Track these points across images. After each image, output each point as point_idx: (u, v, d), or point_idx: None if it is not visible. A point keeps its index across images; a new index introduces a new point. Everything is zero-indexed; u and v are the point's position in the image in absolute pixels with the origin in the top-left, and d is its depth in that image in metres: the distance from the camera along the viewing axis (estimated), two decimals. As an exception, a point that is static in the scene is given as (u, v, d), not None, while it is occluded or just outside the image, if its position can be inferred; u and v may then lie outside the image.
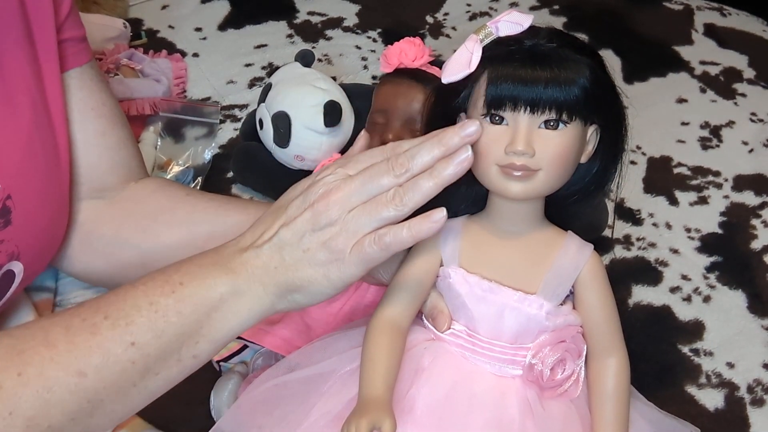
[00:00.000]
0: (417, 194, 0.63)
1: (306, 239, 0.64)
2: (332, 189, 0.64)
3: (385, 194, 0.63)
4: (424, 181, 0.63)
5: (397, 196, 0.63)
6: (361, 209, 0.63)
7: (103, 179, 0.86)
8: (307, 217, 0.64)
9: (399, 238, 0.63)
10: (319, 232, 0.63)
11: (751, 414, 1.00)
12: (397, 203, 0.63)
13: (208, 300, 0.64)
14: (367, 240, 0.63)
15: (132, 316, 0.62)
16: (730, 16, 1.75)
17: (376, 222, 0.63)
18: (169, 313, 0.63)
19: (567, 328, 0.72)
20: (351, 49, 1.60)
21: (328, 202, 0.63)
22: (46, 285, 0.94)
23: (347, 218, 0.63)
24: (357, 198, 0.63)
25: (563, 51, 0.67)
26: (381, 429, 0.63)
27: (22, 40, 0.76)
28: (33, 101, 0.76)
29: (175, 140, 1.32)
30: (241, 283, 0.65)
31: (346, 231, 0.63)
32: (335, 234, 0.63)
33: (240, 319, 0.65)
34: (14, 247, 0.75)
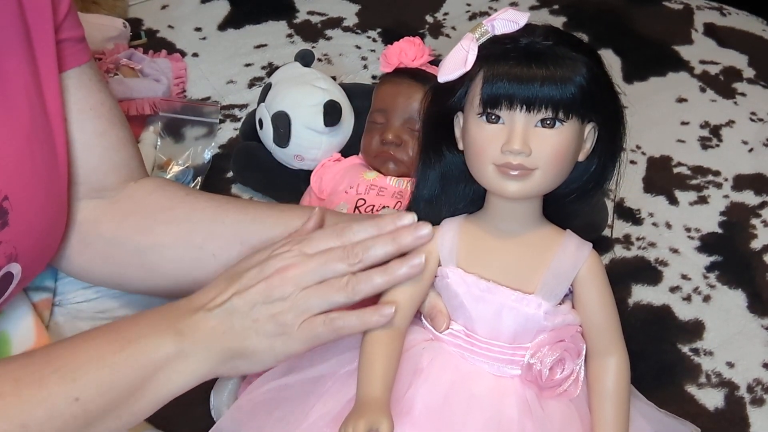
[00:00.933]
0: (368, 287, 0.67)
1: (256, 310, 0.67)
2: (289, 265, 0.68)
3: (339, 280, 0.67)
4: (377, 277, 0.67)
5: (349, 285, 0.67)
6: (314, 290, 0.67)
7: (103, 179, 0.86)
8: (261, 289, 0.67)
9: (349, 325, 0.67)
10: (270, 305, 0.67)
11: (751, 414, 1.00)
12: (349, 291, 0.67)
13: (154, 360, 0.67)
14: (319, 320, 0.67)
15: (80, 371, 0.65)
16: (729, 15, 1.75)
17: (326, 305, 0.67)
18: (115, 370, 0.66)
19: (566, 327, 0.72)
20: (351, 49, 1.60)
21: (284, 277, 0.67)
22: (45, 285, 0.94)
23: (299, 296, 0.67)
24: (311, 278, 0.67)
25: (559, 49, 0.67)
26: (378, 430, 0.63)
27: (20, 40, 0.75)
28: (30, 101, 0.76)
29: (175, 140, 1.32)
30: (187, 346, 0.67)
31: (296, 308, 0.67)
32: (285, 309, 0.67)
33: (182, 381, 0.68)
34: (12, 249, 0.75)
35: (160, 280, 0.87)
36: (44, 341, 0.88)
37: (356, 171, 1.13)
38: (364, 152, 1.15)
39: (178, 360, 0.67)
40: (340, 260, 0.67)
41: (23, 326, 0.88)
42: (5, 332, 0.88)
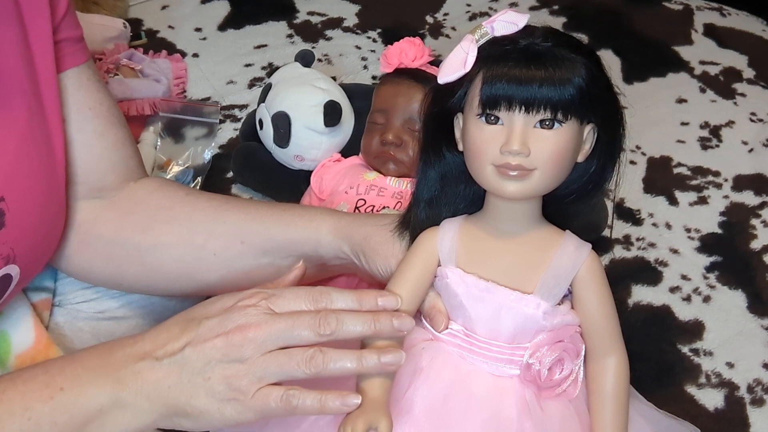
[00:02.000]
0: (336, 368, 0.61)
1: (210, 367, 0.61)
2: (252, 324, 0.62)
3: (303, 351, 0.61)
4: (348, 362, 0.61)
5: (314, 361, 0.61)
6: (273, 357, 0.61)
7: (102, 179, 0.86)
8: (219, 345, 0.61)
9: (305, 406, 0.61)
10: (225, 365, 0.61)
11: (751, 414, 1.00)
12: (312, 368, 0.61)
13: (87, 411, 0.61)
14: (275, 394, 0.61)
15: (4, 421, 0.60)
16: (729, 16, 1.75)
17: (284, 376, 0.61)
18: (42, 422, 0.60)
19: (565, 327, 0.72)
20: (351, 49, 1.61)
21: (245, 336, 0.61)
22: (45, 285, 0.94)
23: (257, 361, 0.61)
24: (273, 343, 0.61)
25: (558, 50, 0.67)
26: (377, 429, 0.63)
27: (16, 40, 0.75)
28: (27, 102, 0.76)
29: (175, 140, 1.32)
30: (126, 396, 0.62)
31: (252, 374, 0.61)
32: (241, 373, 0.61)
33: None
34: (9, 251, 0.75)
35: (160, 279, 0.87)
36: (44, 341, 0.88)
37: (356, 171, 1.13)
38: (364, 152, 1.15)
39: (114, 411, 0.62)
40: (309, 327, 0.61)
41: (23, 326, 0.88)
42: (5, 332, 0.87)
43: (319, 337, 0.61)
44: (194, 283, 0.88)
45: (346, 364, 0.61)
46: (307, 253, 0.85)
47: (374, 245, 0.80)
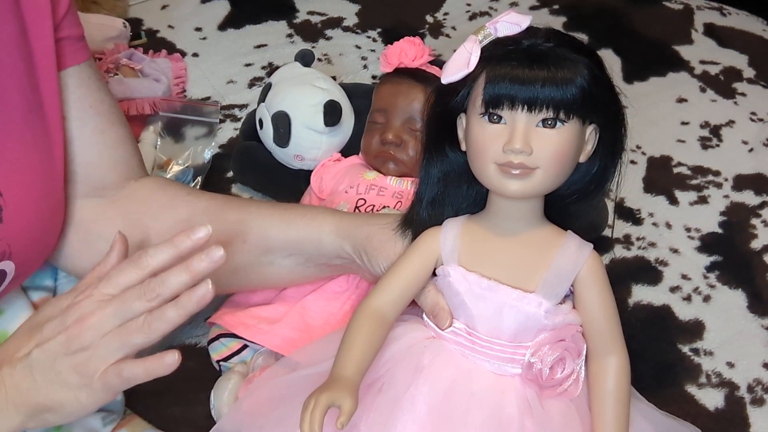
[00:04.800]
0: (163, 323, 0.65)
1: (58, 362, 0.65)
2: (87, 313, 0.65)
3: (135, 321, 0.65)
4: (170, 311, 0.65)
5: (145, 324, 0.65)
6: (114, 334, 0.65)
7: (103, 177, 0.86)
8: (61, 341, 0.65)
9: (135, 374, 0.65)
10: (71, 356, 0.65)
11: (751, 414, 1.00)
12: (146, 331, 0.65)
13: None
14: (111, 370, 0.65)
15: None
16: (730, 15, 1.75)
17: (128, 347, 0.65)
18: None
19: (566, 327, 0.72)
20: (351, 49, 1.60)
21: (82, 327, 0.65)
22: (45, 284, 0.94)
23: (100, 343, 0.65)
24: (111, 323, 0.65)
25: (561, 50, 0.67)
26: (341, 407, 0.64)
27: (15, 37, 0.75)
28: (26, 99, 0.76)
29: (175, 140, 1.32)
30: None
31: (98, 356, 0.65)
32: (87, 359, 0.65)
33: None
34: (6, 246, 0.75)
35: (161, 279, 0.87)
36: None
37: (356, 171, 1.13)
38: (364, 152, 1.15)
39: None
40: (138, 299, 0.65)
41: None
42: (5, 332, 0.87)
43: (149, 302, 0.65)
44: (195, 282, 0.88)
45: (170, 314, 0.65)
46: (309, 252, 0.86)
47: (376, 244, 0.80)
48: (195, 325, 1.04)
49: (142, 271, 0.67)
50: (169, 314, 0.65)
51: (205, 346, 1.00)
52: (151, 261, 0.67)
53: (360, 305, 0.73)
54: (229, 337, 0.97)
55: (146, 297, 0.65)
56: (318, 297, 0.97)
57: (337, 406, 0.65)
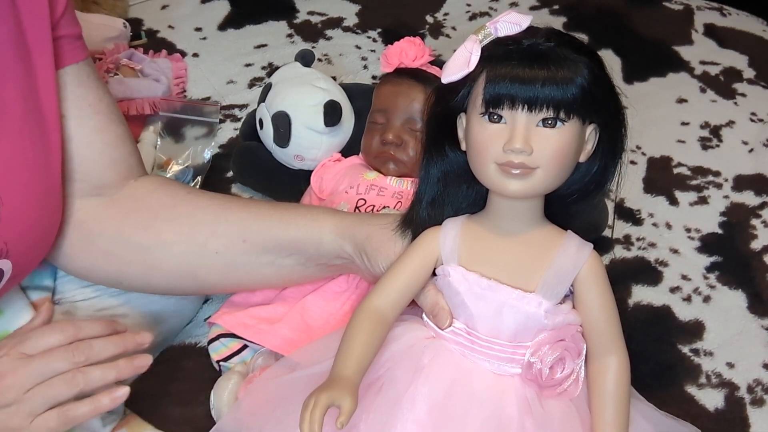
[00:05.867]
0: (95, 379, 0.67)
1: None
2: (6, 372, 0.66)
3: (62, 378, 0.66)
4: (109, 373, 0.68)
5: (74, 381, 0.66)
6: (36, 391, 0.66)
7: (102, 176, 0.86)
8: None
9: (82, 413, 0.67)
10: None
11: (751, 414, 1.00)
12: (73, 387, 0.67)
13: None
14: (52, 415, 0.66)
15: None
16: (730, 16, 1.75)
17: (52, 401, 0.66)
18: None
19: (566, 326, 0.72)
20: (351, 49, 1.60)
21: (2, 386, 0.66)
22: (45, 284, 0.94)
23: (23, 398, 0.66)
24: (32, 381, 0.66)
25: (561, 50, 0.67)
26: (340, 407, 0.64)
27: (12, 36, 0.75)
28: (23, 98, 0.76)
29: (175, 140, 1.32)
30: None
31: (22, 411, 0.66)
32: (11, 414, 0.66)
33: None
34: (2, 245, 0.75)
35: (161, 278, 0.87)
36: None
37: (356, 171, 1.13)
38: (364, 152, 1.15)
39: None
40: (63, 359, 0.67)
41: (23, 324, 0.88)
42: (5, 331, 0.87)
43: (75, 365, 0.67)
44: (195, 282, 0.88)
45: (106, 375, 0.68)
46: (309, 252, 0.86)
47: (376, 244, 0.80)
48: (195, 325, 1.04)
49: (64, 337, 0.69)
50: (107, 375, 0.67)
51: (205, 346, 1.00)
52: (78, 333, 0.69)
53: (360, 305, 0.73)
54: (229, 337, 0.97)
55: (74, 359, 0.67)
56: (318, 297, 0.97)
57: (337, 406, 0.65)
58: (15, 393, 0.66)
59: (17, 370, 0.67)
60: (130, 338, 0.71)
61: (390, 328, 0.74)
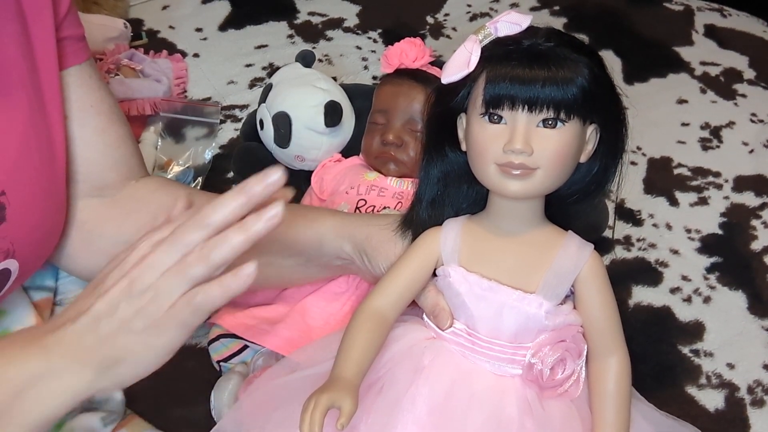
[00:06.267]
0: (225, 248, 0.61)
1: (121, 309, 0.62)
2: (145, 255, 0.63)
3: (192, 252, 0.61)
4: (233, 235, 0.61)
5: (203, 253, 0.61)
6: (172, 271, 0.61)
7: (103, 177, 0.86)
8: (123, 286, 0.62)
9: (210, 297, 0.61)
10: (135, 300, 0.61)
11: (751, 415, 1.00)
12: (204, 259, 0.61)
13: (18, 379, 0.61)
14: (179, 303, 0.61)
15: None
16: (730, 16, 1.75)
17: (187, 282, 0.61)
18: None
19: (567, 327, 0.72)
20: (351, 50, 1.61)
21: (142, 267, 0.62)
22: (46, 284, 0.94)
23: (160, 282, 0.61)
24: (168, 258, 0.61)
25: (561, 50, 0.67)
26: (341, 408, 0.64)
27: (17, 37, 0.76)
28: (29, 98, 0.76)
29: (176, 140, 1.32)
30: (56, 361, 0.62)
31: (160, 295, 0.61)
32: (150, 300, 0.61)
33: (57, 401, 0.62)
34: (9, 245, 0.75)
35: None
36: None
37: (357, 172, 1.13)
38: (364, 153, 1.15)
39: (48, 378, 0.61)
40: (192, 230, 0.61)
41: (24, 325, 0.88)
42: (6, 331, 0.88)
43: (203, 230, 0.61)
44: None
45: (234, 238, 0.60)
46: (309, 253, 0.86)
47: (376, 245, 0.80)
48: (195, 326, 1.04)
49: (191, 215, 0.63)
50: (232, 238, 0.60)
51: (205, 347, 1.00)
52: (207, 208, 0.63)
53: (360, 306, 0.73)
54: (229, 338, 0.97)
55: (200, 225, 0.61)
56: (318, 297, 0.97)
57: (337, 407, 0.65)
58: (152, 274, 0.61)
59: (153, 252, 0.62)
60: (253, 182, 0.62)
61: (390, 328, 0.74)
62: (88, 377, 0.62)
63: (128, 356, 0.62)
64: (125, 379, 0.64)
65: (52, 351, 0.62)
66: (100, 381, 0.63)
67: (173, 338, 0.62)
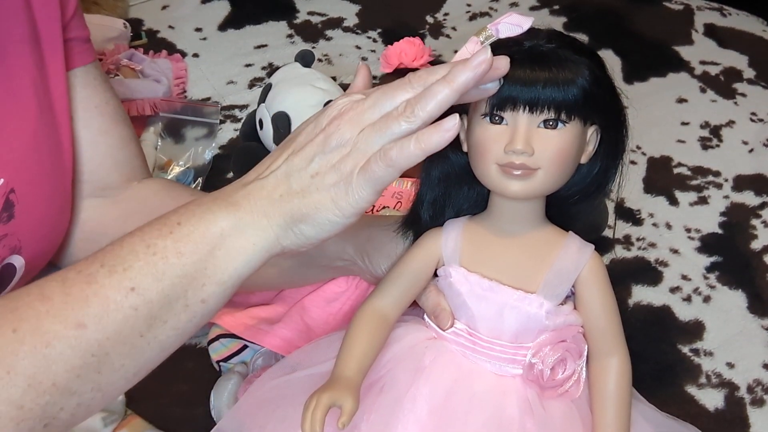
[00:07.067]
0: (431, 102, 0.57)
1: (315, 163, 0.59)
2: (345, 110, 0.60)
3: (396, 108, 0.58)
4: (438, 86, 0.57)
5: (408, 107, 0.57)
6: (372, 127, 0.59)
7: (106, 177, 0.87)
8: (319, 141, 0.60)
9: (406, 152, 0.57)
10: (329, 154, 0.59)
11: (751, 414, 1.00)
12: (408, 115, 0.57)
13: (209, 236, 0.60)
14: (373, 157, 0.58)
15: (129, 261, 0.59)
16: (730, 16, 1.75)
17: (387, 138, 0.58)
18: (168, 254, 0.59)
19: (568, 327, 0.72)
20: (351, 49, 1.61)
21: (340, 122, 0.59)
22: (47, 284, 0.94)
23: (359, 138, 0.59)
24: (370, 115, 0.59)
25: (562, 51, 0.67)
26: (342, 407, 0.64)
27: (27, 38, 0.76)
28: (38, 98, 0.77)
29: (176, 141, 1.32)
30: (244, 216, 0.60)
31: (357, 151, 0.58)
32: (345, 155, 0.59)
33: (245, 256, 0.61)
34: (16, 241, 0.75)
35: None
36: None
37: (357, 171, 1.13)
38: (364, 153, 1.15)
39: (236, 233, 0.60)
40: (401, 88, 0.58)
41: None
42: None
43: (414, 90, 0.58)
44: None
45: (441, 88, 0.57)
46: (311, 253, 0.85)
47: (377, 245, 0.80)
48: (195, 326, 1.04)
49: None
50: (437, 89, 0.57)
51: (204, 347, 1.00)
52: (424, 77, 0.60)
53: (361, 306, 0.73)
54: (228, 338, 0.98)
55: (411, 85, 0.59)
56: (318, 297, 0.97)
57: (338, 406, 0.65)
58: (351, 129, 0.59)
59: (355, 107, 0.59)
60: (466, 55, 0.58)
61: (391, 329, 0.74)
62: (273, 233, 0.61)
63: (313, 212, 0.60)
64: (308, 237, 0.62)
65: (240, 206, 0.60)
66: (283, 239, 0.61)
67: (362, 196, 0.59)
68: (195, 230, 0.60)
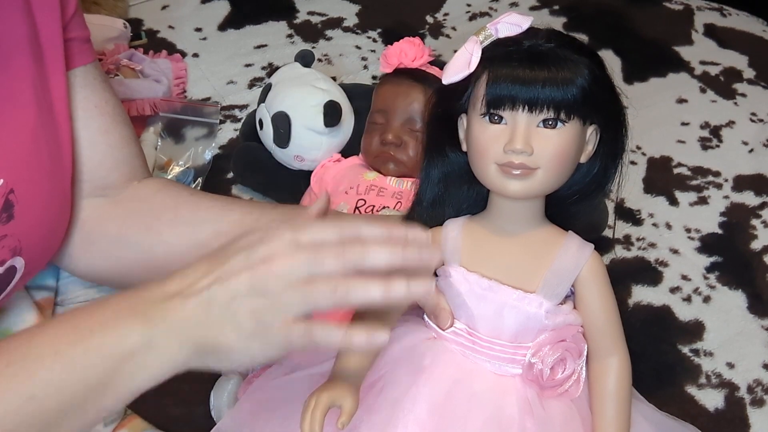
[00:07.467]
0: (362, 296, 0.59)
1: (237, 302, 0.60)
2: (276, 255, 0.60)
3: (326, 283, 0.59)
4: (375, 289, 0.59)
5: (339, 291, 0.58)
6: (297, 289, 0.59)
7: (106, 177, 0.87)
8: (244, 279, 0.60)
9: (330, 340, 0.59)
10: (252, 299, 0.59)
11: (751, 414, 1.00)
12: (336, 298, 0.59)
13: (119, 351, 0.60)
14: (298, 329, 0.59)
15: (34, 368, 0.59)
16: (730, 16, 1.75)
17: (309, 306, 0.59)
18: (75, 366, 0.59)
19: (567, 327, 0.72)
20: (351, 49, 1.60)
21: (269, 270, 0.59)
22: (47, 284, 0.95)
23: (282, 294, 0.59)
24: (297, 273, 0.59)
25: (561, 51, 0.67)
26: (341, 407, 0.65)
27: (27, 38, 0.76)
28: (38, 98, 0.77)
29: (175, 141, 1.32)
30: (157, 336, 0.60)
31: (276, 308, 0.59)
32: (266, 306, 0.59)
33: (150, 374, 0.61)
34: (17, 242, 0.75)
35: (164, 278, 0.87)
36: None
37: (356, 171, 1.13)
38: (364, 153, 1.15)
39: (146, 352, 0.60)
40: (334, 257, 0.59)
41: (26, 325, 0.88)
42: (8, 330, 0.88)
43: (344, 266, 0.59)
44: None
45: (374, 292, 0.58)
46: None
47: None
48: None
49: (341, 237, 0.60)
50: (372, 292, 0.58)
51: (205, 347, 1.00)
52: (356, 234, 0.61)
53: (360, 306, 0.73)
54: (229, 338, 0.97)
55: (344, 258, 0.59)
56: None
57: (338, 406, 0.65)
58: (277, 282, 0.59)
59: (286, 257, 0.59)
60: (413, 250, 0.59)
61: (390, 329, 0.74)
62: (182, 357, 0.61)
63: (225, 351, 0.60)
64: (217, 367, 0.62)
65: (155, 324, 0.60)
66: (190, 363, 0.61)
67: (273, 353, 0.61)
68: (105, 343, 0.60)
